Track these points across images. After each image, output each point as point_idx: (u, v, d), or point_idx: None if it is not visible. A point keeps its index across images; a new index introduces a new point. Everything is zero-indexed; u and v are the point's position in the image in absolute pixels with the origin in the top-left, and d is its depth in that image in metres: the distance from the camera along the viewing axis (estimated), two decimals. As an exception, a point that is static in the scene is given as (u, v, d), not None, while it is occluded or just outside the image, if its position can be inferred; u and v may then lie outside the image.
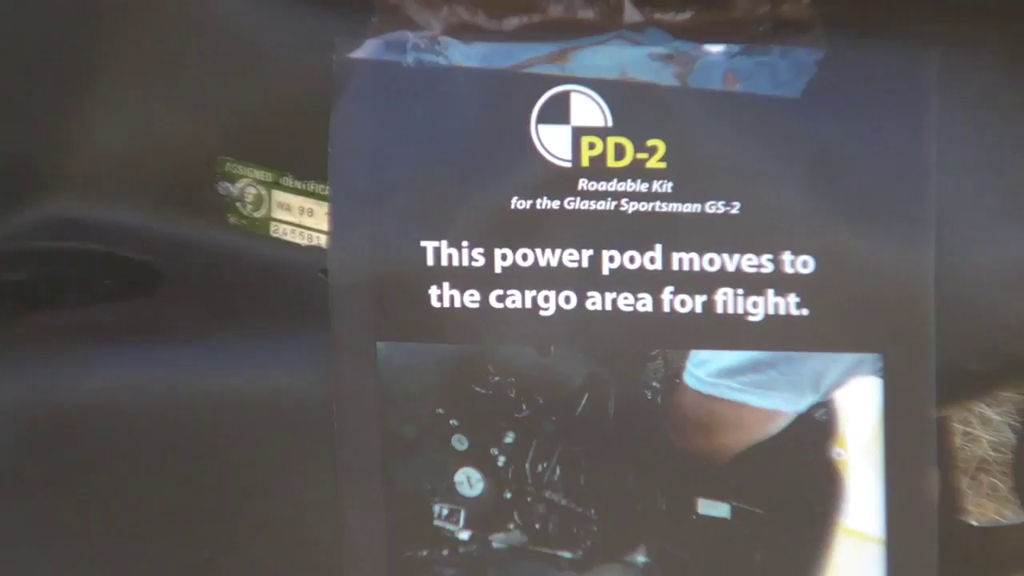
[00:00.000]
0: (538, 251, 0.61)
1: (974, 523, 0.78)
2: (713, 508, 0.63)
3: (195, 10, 0.65)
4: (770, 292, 0.60)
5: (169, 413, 0.68)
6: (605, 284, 0.61)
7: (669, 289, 0.61)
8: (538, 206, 0.61)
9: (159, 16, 0.66)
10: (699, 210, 0.60)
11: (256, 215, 0.67)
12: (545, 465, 0.63)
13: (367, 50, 0.61)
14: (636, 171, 0.60)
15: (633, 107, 0.60)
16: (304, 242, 0.66)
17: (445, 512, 0.64)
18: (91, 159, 0.69)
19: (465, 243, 0.61)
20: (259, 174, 0.66)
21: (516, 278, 0.61)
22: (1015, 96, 0.61)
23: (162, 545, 0.70)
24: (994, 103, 0.61)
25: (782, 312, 0.60)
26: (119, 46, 0.67)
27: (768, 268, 0.60)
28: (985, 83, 0.61)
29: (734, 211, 0.60)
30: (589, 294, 0.61)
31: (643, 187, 0.60)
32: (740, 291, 0.60)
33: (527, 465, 0.63)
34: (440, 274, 0.61)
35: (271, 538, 0.69)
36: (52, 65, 0.68)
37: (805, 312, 0.60)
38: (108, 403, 0.68)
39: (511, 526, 0.64)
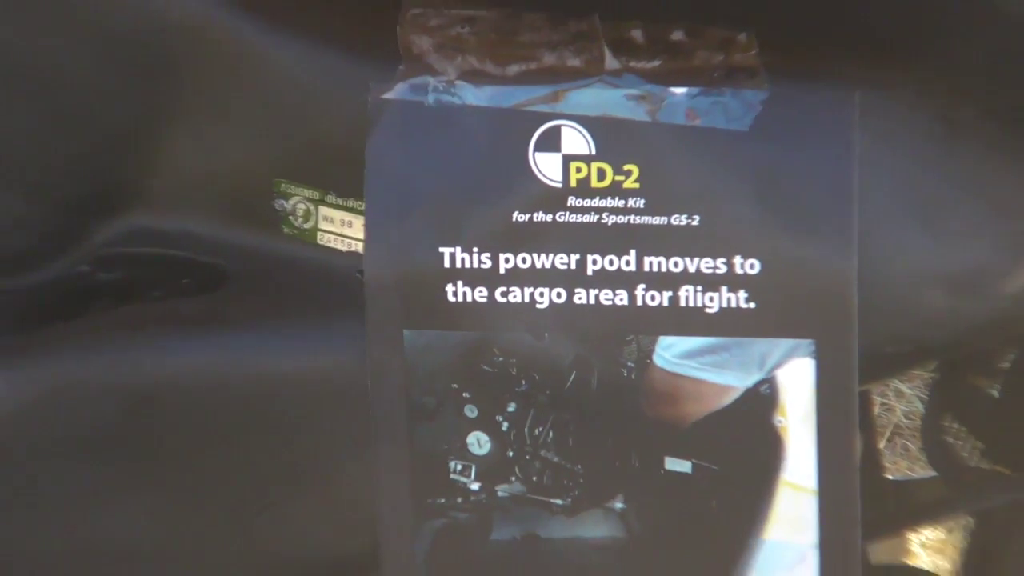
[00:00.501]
0: (535, 256, 0.62)
1: (890, 477, 0.78)
2: (677, 464, 0.64)
3: (257, 60, 0.65)
4: (724, 289, 0.61)
5: (233, 387, 0.67)
6: (589, 282, 0.62)
7: (641, 286, 0.62)
8: (535, 219, 0.61)
9: (227, 65, 0.65)
10: (666, 222, 0.61)
11: (305, 226, 0.67)
12: (540, 429, 0.64)
13: (396, 92, 0.62)
14: (615, 190, 0.61)
15: (612, 138, 0.61)
16: (344, 248, 0.67)
17: (459, 467, 0.65)
18: (172, 181, 0.69)
19: (475, 249, 0.62)
20: (308, 193, 0.67)
21: (517, 277, 0.62)
22: (922, 128, 0.62)
23: (228, 495, 0.70)
24: (905, 134, 0.62)
25: (733, 305, 0.61)
26: (194, 90, 0.66)
27: (722, 269, 0.61)
28: (897, 118, 0.62)
29: (695, 223, 0.61)
30: (576, 290, 0.62)
31: (620, 203, 0.61)
32: (699, 288, 0.61)
33: (526, 429, 0.64)
34: (455, 274, 0.62)
35: (318, 488, 0.69)
36: (141, 106, 0.67)
37: (752, 305, 0.61)
38: (184, 379, 0.68)
39: (513, 479, 0.65)
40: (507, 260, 0.62)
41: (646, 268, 0.62)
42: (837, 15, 0.64)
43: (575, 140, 0.61)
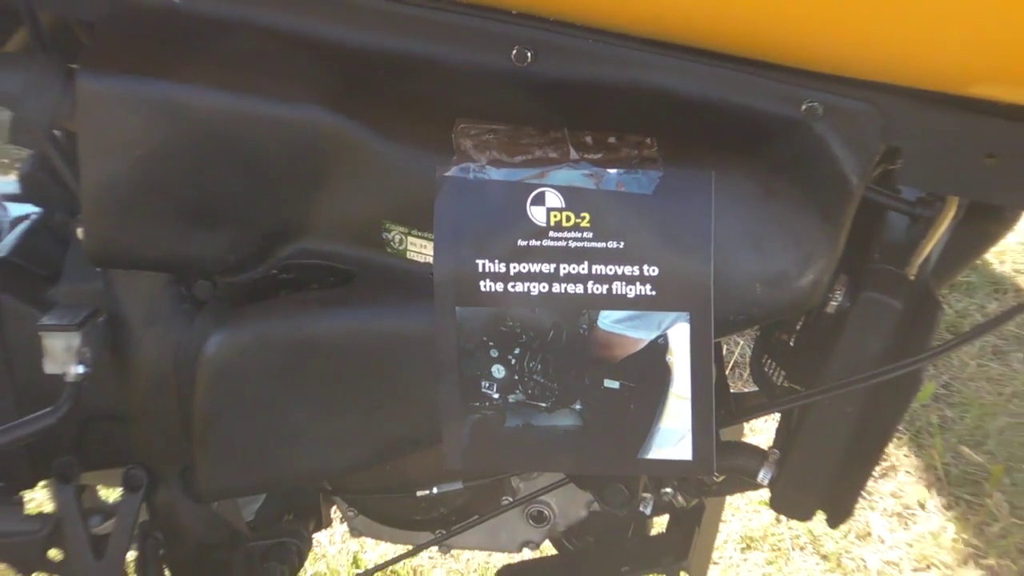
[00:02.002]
0: (530, 265, 0.63)
1: (731, 391, 0.80)
2: (611, 383, 0.66)
3: (372, 152, 0.64)
4: (637, 283, 0.63)
5: (357, 339, 0.68)
6: (561, 280, 0.63)
7: (591, 282, 0.63)
8: (530, 244, 0.63)
9: (355, 155, 0.64)
10: (605, 246, 0.63)
11: (400, 248, 0.67)
12: (533, 363, 0.65)
13: (452, 171, 0.63)
14: (576, 228, 0.63)
15: (574, 198, 0.62)
16: (422, 261, 0.66)
17: (487, 385, 0.66)
18: (323, 222, 0.68)
19: (496, 260, 0.63)
20: (401, 229, 0.66)
21: (520, 277, 0.64)
22: (752, 192, 0.63)
23: (355, 401, 0.70)
24: (742, 195, 0.63)
25: (643, 293, 0.63)
26: (335, 169, 0.65)
27: (636, 272, 0.63)
28: (737, 186, 0.63)
29: (621, 245, 0.63)
30: (554, 285, 0.63)
31: (578, 235, 0.63)
32: (624, 283, 0.63)
33: (525, 363, 0.65)
34: (485, 275, 0.64)
35: (405, 396, 0.69)
36: (304, 178, 0.66)
37: (654, 293, 0.63)
38: (329, 336, 0.68)
39: (517, 391, 0.66)
40: (514, 267, 0.63)
41: (593, 272, 0.63)
42: (702, 130, 0.65)
43: (553, 199, 0.63)
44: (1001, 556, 1.30)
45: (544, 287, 0.64)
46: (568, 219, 0.63)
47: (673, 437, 0.66)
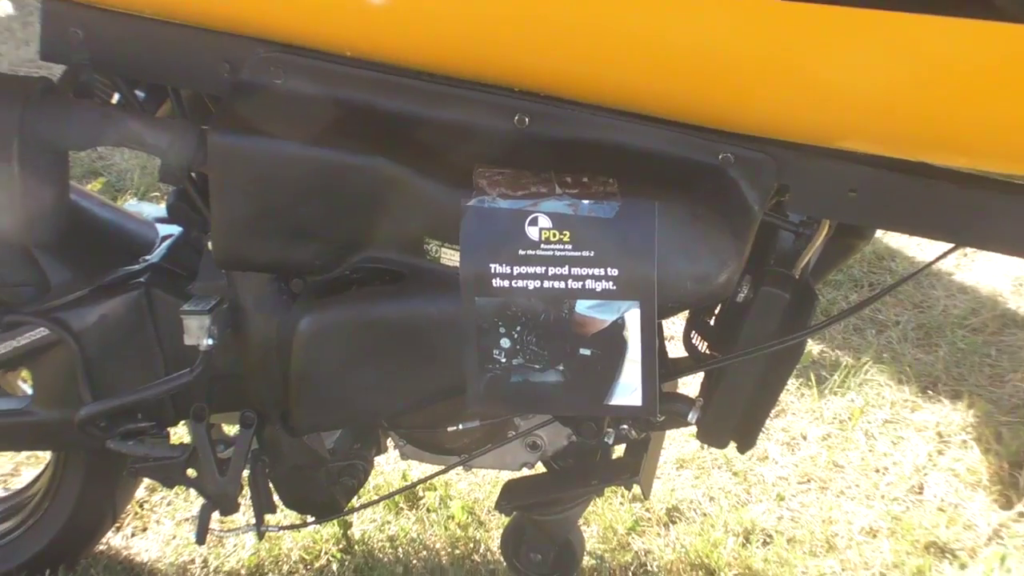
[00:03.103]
0: (528, 268, 0.63)
1: (669, 356, 0.77)
2: (586, 351, 0.65)
3: (410, 186, 0.64)
4: (603, 281, 0.63)
5: (407, 322, 0.67)
6: (549, 279, 0.63)
7: (570, 280, 0.63)
8: (528, 253, 0.63)
9: (397, 189, 0.64)
10: (580, 254, 0.62)
11: (436, 256, 0.66)
12: (530, 337, 0.65)
13: (472, 202, 0.62)
14: (559, 242, 0.62)
15: (559, 221, 0.62)
16: (452, 265, 0.65)
17: (497, 352, 0.65)
18: (380, 238, 0.67)
19: (504, 264, 0.63)
20: (437, 242, 0.66)
21: (520, 277, 0.63)
22: (680, 216, 0.61)
23: (403, 363, 0.69)
24: (677, 220, 0.62)
25: (607, 288, 0.63)
26: (385, 198, 0.65)
27: (602, 273, 0.62)
28: (674, 213, 0.62)
29: (592, 254, 0.62)
30: (545, 282, 0.63)
31: (561, 247, 0.62)
32: (593, 280, 0.63)
33: (524, 337, 0.65)
34: (496, 275, 0.63)
35: (443, 361, 0.68)
36: (364, 205, 0.65)
37: (615, 288, 0.62)
38: (385, 318, 0.68)
39: (519, 357, 0.65)
40: (516, 269, 0.63)
41: (572, 273, 0.63)
42: (649, 173, 0.64)
43: (544, 221, 0.62)
44: (859, 474, 1.32)
45: (538, 284, 0.64)
46: (554, 236, 0.63)
47: (628, 389, 0.66)
